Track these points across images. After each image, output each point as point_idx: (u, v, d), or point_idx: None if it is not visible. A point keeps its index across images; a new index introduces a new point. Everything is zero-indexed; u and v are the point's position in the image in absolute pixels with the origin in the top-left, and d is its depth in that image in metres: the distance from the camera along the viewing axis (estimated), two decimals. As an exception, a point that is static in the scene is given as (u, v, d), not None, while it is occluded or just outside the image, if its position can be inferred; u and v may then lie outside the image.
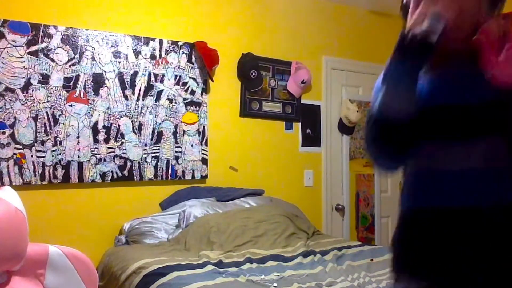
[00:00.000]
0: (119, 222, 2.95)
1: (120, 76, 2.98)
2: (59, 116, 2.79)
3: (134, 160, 3.02)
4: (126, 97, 3.00)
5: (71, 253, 1.73)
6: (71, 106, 2.83)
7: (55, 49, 2.78)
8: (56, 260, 1.68)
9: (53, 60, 2.77)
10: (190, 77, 3.23)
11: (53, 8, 2.81)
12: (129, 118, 3.01)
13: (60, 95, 2.79)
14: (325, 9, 3.91)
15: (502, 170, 1.03)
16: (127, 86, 3.00)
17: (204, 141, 3.28)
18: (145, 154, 3.06)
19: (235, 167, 3.44)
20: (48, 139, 2.76)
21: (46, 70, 2.76)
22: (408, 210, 1.14)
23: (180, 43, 3.19)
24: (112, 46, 2.96)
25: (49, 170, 2.75)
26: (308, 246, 2.84)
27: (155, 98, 3.10)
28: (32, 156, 2.71)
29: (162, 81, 3.12)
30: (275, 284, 2.14)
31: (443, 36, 1.01)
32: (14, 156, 2.66)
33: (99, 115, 2.91)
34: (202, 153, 3.28)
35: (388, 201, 4.13)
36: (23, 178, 2.68)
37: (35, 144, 2.72)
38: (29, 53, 2.70)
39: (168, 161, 3.14)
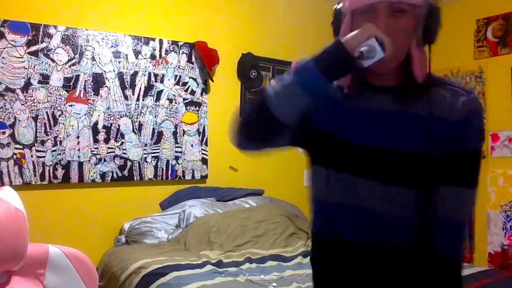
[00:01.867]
0: (119, 222, 2.95)
1: (120, 76, 2.99)
2: (59, 116, 2.79)
3: (134, 160, 3.02)
4: (126, 97, 3.00)
5: (71, 253, 1.73)
6: (71, 106, 2.83)
7: (55, 49, 2.78)
8: (56, 260, 1.68)
9: (53, 60, 2.78)
10: (190, 77, 3.23)
11: (53, 8, 2.81)
12: (129, 118, 3.01)
13: (60, 95, 2.80)
14: (325, 9, 3.90)
15: (400, 216, 1.02)
16: (127, 86, 3.01)
17: (204, 141, 3.28)
18: (145, 154, 3.06)
19: (235, 167, 3.44)
20: (48, 139, 2.76)
21: (46, 70, 2.76)
22: (314, 234, 1.18)
23: (180, 43, 3.20)
24: (112, 46, 2.96)
25: (49, 170, 2.76)
26: (308, 246, 2.84)
27: (155, 98, 3.10)
28: (32, 156, 2.71)
29: (162, 81, 3.12)
30: (274, 284, 2.14)
31: (375, 64, 0.96)
32: (14, 156, 2.67)
33: (99, 115, 2.91)
34: (202, 153, 3.28)
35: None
36: (23, 178, 2.68)
37: (35, 144, 2.72)
38: (29, 53, 2.71)
39: (168, 161, 3.14)
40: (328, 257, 1.12)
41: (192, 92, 3.24)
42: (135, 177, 3.03)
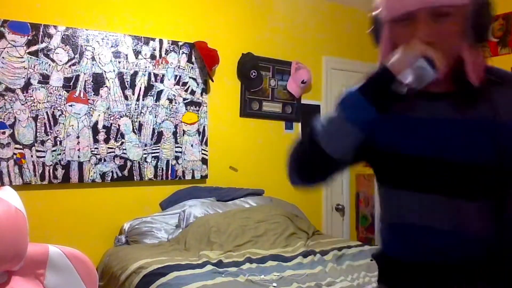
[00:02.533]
0: (119, 222, 2.95)
1: (120, 76, 2.98)
2: (59, 116, 2.79)
3: (134, 160, 3.02)
4: (126, 97, 3.00)
5: (71, 253, 1.73)
6: (71, 106, 2.83)
7: (55, 49, 2.78)
8: (56, 260, 1.68)
9: (53, 60, 2.77)
10: (190, 77, 3.23)
11: (53, 8, 2.81)
12: (129, 118, 3.01)
13: (60, 95, 2.80)
14: (325, 9, 3.91)
15: (465, 232, 0.95)
16: (127, 86, 3.00)
17: (204, 141, 3.28)
18: (145, 154, 3.06)
19: (235, 167, 3.44)
20: (48, 139, 2.76)
21: (46, 70, 2.76)
22: (381, 253, 1.11)
23: (180, 43, 3.19)
24: (112, 46, 2.96)
25: (49, 170, 2.76)
26: (308, 246, 2.84)
27: (155, 98, 3.10)
28: (32, 156, 2.71)
29: (162, 81, 3.12)
30: (275, 284, 2.14)
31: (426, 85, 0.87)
32: (14, 156, 2.67)
33: (99, 115, 2.91)
34: (202, 153, 3.28)
35: (388, 201, 4.13)
36: (23, 178, 2.68)
37: (35, 144, 2.72)
38: (29, 53, 2.71)
39: (168, 161, 3.14)
40: (410, 282, 1.02)
41: (192, 92, 3.24)
42: (135, 177, 3.03)
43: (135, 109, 3.03)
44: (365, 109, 0.91)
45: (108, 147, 2.94)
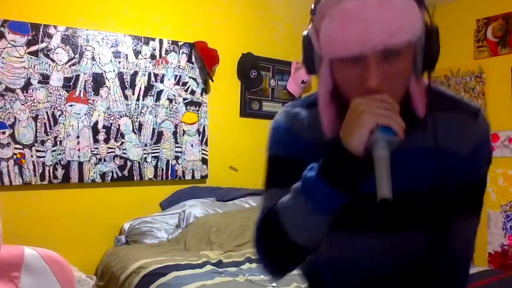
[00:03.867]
0: (119, 222, 2.95)
1: (120, 76, 2.98)
2: (59, 116, 2.79)
3: (134, 160, 3.02)
4: (126, 97, 3.00)
5: (48, 255, 1.68)
6: (71, 106, 2.83)
7: (55, 49, 2.78)
8: (32, 262, 1.63)
9: (53, 60, 2.78)
10: (190, 77, 3.23)
11: (53, 8, 2.81)
12: (129, 118, 3.01)
13: (60, 95, 2.80)
14: (325, 9, 3.90)
15: (403, 263, 0.93)
16: (127, 86, 3.01)
17: (204, 141, 3.28)
18: (145, 154, 3.06)
19: (235, 167, 3.44)
20: (48, 139, 2.76)
21: (46, 70, 2.76)
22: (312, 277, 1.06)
23: (180, 43, 3.20)
24: (112, 46, 2.96)
25: (49, 170, 2.76)
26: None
27: (155, 98, 3.10)
28: (32, 156, 2.71)
29: (162, 81, 3.12)
30: (274, 284, 2.14)
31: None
32: (14, 156, 2.67)
33: (99, 115, 2.91)
34: (202, 153, 3.28)
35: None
36: (23, 178, 2.68)
37: (35, 144, 2.72)
38: (29, 53, 2.71)
39: (168, 161, 3.14)
40: None
41: (192, 92, 3.24)
42: (135, 177, 3.03)
43: (135, 109, 3.03)
44: (333, 198, 0.80)
45: (108, 147, 2.94)
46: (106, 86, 2.94)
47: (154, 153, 3.10)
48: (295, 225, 0.84)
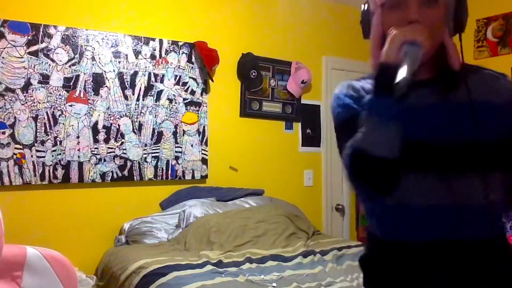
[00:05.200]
0: (119, 222, 2.95)
1: (120, 76, 2.98)
2: (59, 116, 2.79)
3: (134, 160, 3.02)
4: (126, 97, 3.00)
5: (50, 255, 1.69)
6: (71, 106, 2.83)
7: (55, 49, 2.78)
8: (34, 262, 1.63)
9: (53, 60, 2.77)
10: (190, 77, 3.23)
11: (53, 8, 2.81)
12: (129, 118, 3.01)
13: (60, 95, 2.80)
14: (325, 9, 3.90)
15: (475, 208, 1.01)
16: (127, 86, 3.00)
17: (204, 141, 3.28)
18: (145, 154, 3.06)
19: (235, 167, 3.44)
20: (48, 139, 2.76)
21: (46, 70, 2.76)
22: (378, 240, 1.13)
23: (180, 43, 3.19)
24: (112, 46, 2.96)
25: (49, 170, 2.76)
26: (308, 246, 2.84)
27: (155, 98, 3.10)
28: (32, 156, 2.71)
29: (162, 81, 3.12)
30: (274, 284, 2.14)
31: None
32: (14, 156, 2.67)
33: (99, 115, 2.91)
34: (202, 153, 3.28)
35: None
36: (23, 178, 2.68)
37: (35, 144, 2.72)
38: (29, 53, 2.71)
39: (168, 161, 3.14)
40: (398, 261, 1.07)
41: (192, 92, 3.24)
42: (135, 177, 3.03)
43: (135, 109, 3.03)
44: (385, 102, 0.96)
45: (108, 147, 2.94)
46: (106, 86, 2.94)
47: (154, 153, 3.10)
48: (371, 142, 0.98)
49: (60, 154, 2.79)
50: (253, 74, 3.46)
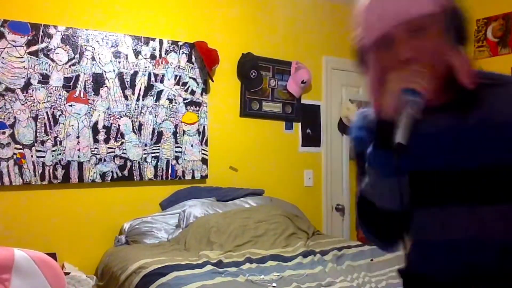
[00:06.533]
0: (119, 222, 2.95)
1: (120, 76, 2.98)
2: (59, 116, 2.79)
3: (134, 160, 3.02)
4: (126, 97, 3.00)
5: (39, 257, 1.67)
6: (71, 106, 2.83)
7: (55, 49, 2.78)
8: (22, 264, 1.62)
9: (53, 60, 2.77)
10: (190, 77, 3.23)
11: (53, 8, 2.81)
12: (129, 118, 3.01)
13: (60, 95, 2.80)
14: (325, 9, 3.90)
15: (487, 238, 0.94)
16: (127, 86, 3.00)
17: (204, 141, 3.28)
18: (145, 154, 3.06)
19: (235, 167, 3.44)
20: (48, 139, 2.76)
21: (46, 70, 2.76)
22: (405, 272, 1.11)
23: (180, 43, 3.19)
24: (112, 46, 2.96)
25: (49, 170, 2.76)
26: (308, 246, 2.84)
27: (155, 98, 3.10)
28: (32, 156, 2.71)
29: (162, 81, 3.12)
30: (274, 284, 2.14)
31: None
32: (14, 156, 2.67)
33: (99, 115, 2.91)
34: (202, 153, 3.28)
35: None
36: (23, 178, 2.68)
37: (35, 144, 2.72)
38: (29, 53, 2.71)
39: (168, 161, 3.14)
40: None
41: (192, 92, 3.24)
42: (135, 177, 3.03)
43: (135, 109, 3.03)
44: (387, 158, 0.92)
45: (108, 147, 2.94)
46: (106, 86, 2.94)
47: (154, 153, 3.10)
48: (376, 194, 0.98)
49: (60, 154, 2.79)
50: (253, 74, 3.46)
